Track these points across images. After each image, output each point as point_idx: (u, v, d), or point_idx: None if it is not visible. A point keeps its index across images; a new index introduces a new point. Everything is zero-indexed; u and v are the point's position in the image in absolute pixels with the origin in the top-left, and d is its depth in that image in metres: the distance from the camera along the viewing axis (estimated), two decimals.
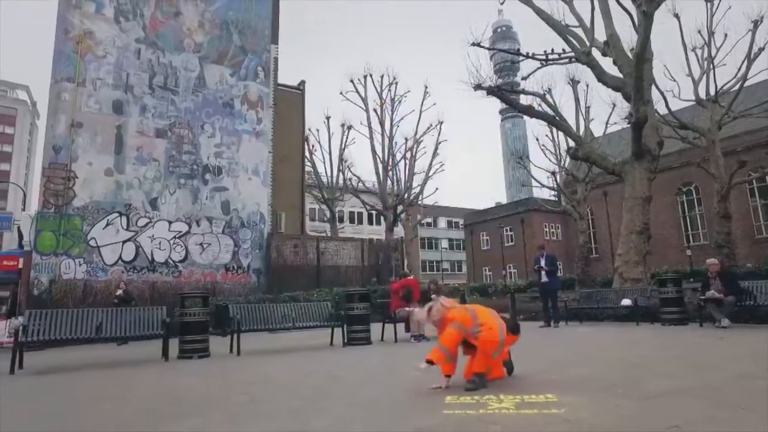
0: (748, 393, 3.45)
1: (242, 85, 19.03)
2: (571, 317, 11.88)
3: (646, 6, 12.03)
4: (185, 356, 7.16)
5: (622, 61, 15.19)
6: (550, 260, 11.54)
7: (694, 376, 4.16)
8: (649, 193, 14.53)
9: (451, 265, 66.29)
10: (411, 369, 4.53)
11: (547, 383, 4.07)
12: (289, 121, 23.00)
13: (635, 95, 13.38)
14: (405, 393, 4.07)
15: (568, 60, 16.28)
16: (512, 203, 57.21)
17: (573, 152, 16.66)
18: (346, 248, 20.53)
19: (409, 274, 11.17)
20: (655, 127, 15.35)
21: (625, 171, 14.93)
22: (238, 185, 18.33)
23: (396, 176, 30.80)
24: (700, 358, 5.24)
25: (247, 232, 18.19)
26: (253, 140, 18.96)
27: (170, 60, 17.63)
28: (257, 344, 8.86)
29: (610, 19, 15.58)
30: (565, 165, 31.97)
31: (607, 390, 3.68)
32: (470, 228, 52.99)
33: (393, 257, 22.12)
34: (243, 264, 17.93)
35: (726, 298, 8.64)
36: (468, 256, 54.04)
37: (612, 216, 41.33)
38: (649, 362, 5.08)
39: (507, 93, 16.13)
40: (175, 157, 17.29)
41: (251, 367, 6.18)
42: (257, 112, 19.22)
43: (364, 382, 4.65)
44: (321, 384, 4.63)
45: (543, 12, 16.31)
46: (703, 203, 35.48)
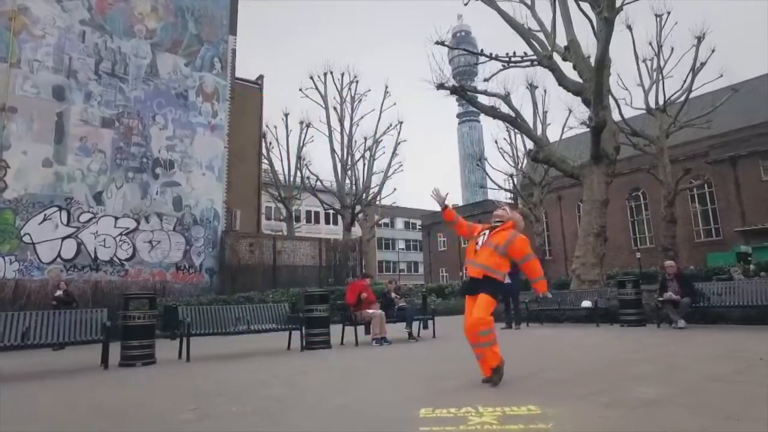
0: (728, 397, 3.34)
1: (197, 76, 18.14)
2: (531, 319, 11.89)
3: (608, 12, 12.23)
4: (128, 363, 6.54)
5: (581, 66, 15.46)
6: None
7: (670, 380, 4.05)
8: (607, 196, 14.84)
9: (407, 266, 66.51)
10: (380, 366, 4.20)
11: (525, 392, 3.84)
12: (246, 116, 22.19)
13: (595, 100, 13.60)
14: (372, 404, 3.74)
15: (530, 63, 16.43)
16: (469, 205, 57.96)
17: (534, 154, 16.84)
18: (303, 248, 19.99)
19: (371, 275, 10.83)
20: (613, 132, 15.71)
21: (583, 174, 15.19)
22: (191, 180, 17.44)
23: (354, 175, 30.48)
24: (669, 360, 5.18)
25: (200, 230, 17.34)
26: (208, 134, 18.11)
27: (119, 45, 16.52)
28: (209, 349, 8.29)
29: (570, 24, 15.82)
30: (522, 168, 32.60)
31: (588, 398, 3.49)
32: (427, 229, 53.29)
33: (351, 257, 21.76)
34: (195, 263, 17.07)
35: (682, 300, 8.81)
36: (425, 257, 54.34)
37: (566, 219, 42.57)
38: (620, 365, 4.97)
39: (470, 93, 16.08)
40: (123, 149, 16.23)
41: (202, 375, 5.67)
42: (213, 105, 18.38)
43: (328, 392, 4.28)
44: (280, 394, 4.23)
45: (507, 14, 16.39)
46: (649, 208, 37.01)
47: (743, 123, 33.31)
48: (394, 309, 9.51)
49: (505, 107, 17.68)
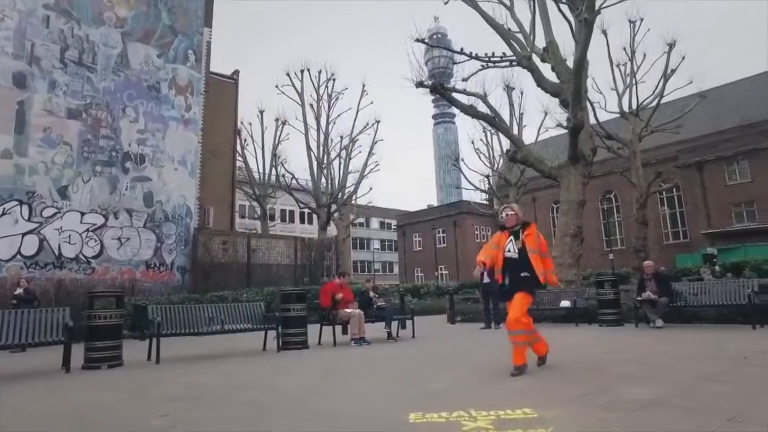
0: (724, 398, 3.26)
1: (170, 68, 17.54)
2: (504, 318, 11.82)
3: (588, 14, 12.29)
4: (92, 366, 6.16)
5: (560, 67, 15.54)
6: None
7: (661, 380, 3.96)
8: (584, 197, 14.95)
9: (382, 266, 66.37)
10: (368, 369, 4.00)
11: (516, 393, 3.70)
12: (220, 111, 21.67)
13: (573, 101, 13.66)
14: (358, 408, 3.54)
15: (509, 63, 16.45)
16: (445, 206, 58.21)
17: (512, 154, 16.87)
18: (278, 246, 19.60)
19: (346, 272, 10.54)
20: (590, 134, 15.86)
21: (561, 175, 15.27)
22: (162, 176, 16.85)
23: (330, 174, 30.14)
24: (655, 360, 5.13)
25: (171, 227, 16.77)
26: (181, 128, 17.55)
27: (87, 33, 15.78)
28: (180, 350, 7.94)
29: (549, 26, 15.90)
30: (498, 169, 32.78)
31: (583, 400, 3.36)
32: (403, 229, 53.28)
33: (327, 256, 21.47)
34: (166, 261, 16.51)
35: (660, 300, 8.88)
36: (400, 257, 54.29)
37: (540, 220, 43.11)
38: (607, 365, 4.88)
39: (449, 91, 16.00)
40: (91, 142, 15.55)
41: (173, 377, 5.35)
42: (186, 99, 17.82)
43: (307, 395, 4.05)
44: (258, 398, 3.98)
45: (487, 14, 16.38)
46: (621, 210, 37.81)
47: (710, 129, 34.36)
48: (372, 308, 9.31)
49: (483, 107, 17.69)
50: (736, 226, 31.00)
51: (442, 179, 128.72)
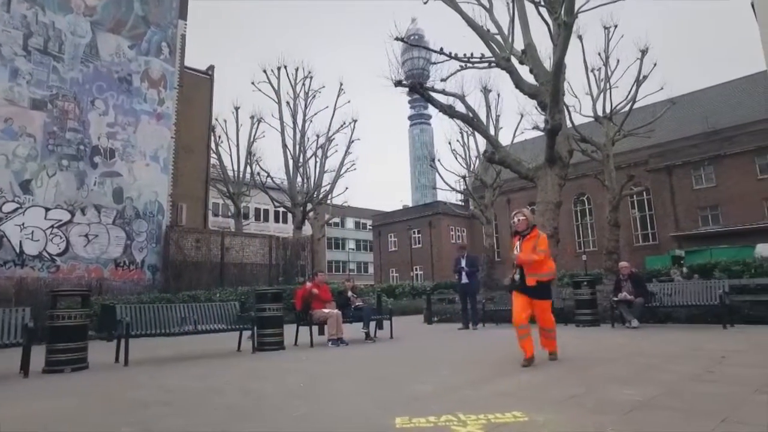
0: (714, 398, 3.23)
1: (143, 60, 16.98)
2: (485, 319, 11.82)
3: (567, 17, 12.38)
4: (54, 369, 5.81)
5: (538, 70, 15.64)
6: (470, 261, 11.40)
7: (647, 381, 3.92)
8: (560, 198, 15.08)
9: (357, 266, 66.18)
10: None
11: (503, 395, 3.60)
12: (195, 107, 21.20)
13: (552, 103, 13.76)
14: (341, 413, 3.38)
15: (488, 64, 16.48)
16: (420, 206, 58.37)
17: (490, 155, 16.91)
18: (252, 245, 19.24)
19: (322, 270, 10.34)
20: (567, 136, 16.02)
21: (538, 176, 15.36)
22: (133, 171, 16.29)
23: (306, 173, 29.83)
24: (637, 360, 5.12)
25: (142, 224, 16.23)
26: (154, 123, 17.01)
27: (53, 20, 15.10)
28: (151, 351, 7.62)
29: (527, 28, 16.00)
30: (474, 170, 32.96)
31: (572, 402, 3.28)
32: (378, 229, 53.17)
33: (302, 256, 21.19)
34: (136, 259, 15.97)
35: (636, 300, 8.98)
36: (375, 258, 54.17)
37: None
38: (591, 366, 4.84)
39: (428, 91, 15.94)
40: (57, 134, 14.90)
41: (142, 381, 5.08)
42: (159, 92, 17.29)
43: (288, 399, 3.87)
44: (234, 403, 3.78)
45: (467, 15, 16.39)
46: (594, 213, 38.54)
47: (679, 135, 35.35)
48: (350, 308, 9.16)
49: (461, 107, 17.70)
50: (702, 229, 31.92)
51: (417, 180, 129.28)
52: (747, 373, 4.26)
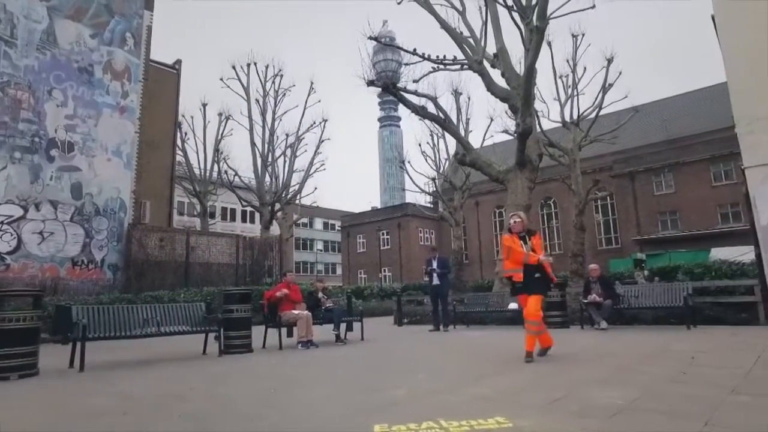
0: (693, 400, 3.21)
1: (105, 50, 16.25)
2: (456, 321, 11.80)
3: (539, 22, 12.52)
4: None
5: (509, 73, 15.80)
6: (442, 262, 11.35)
7: (626, 383, 3.90)
8: (530, 201, 15.25)
9: (325, 267, 65.72)
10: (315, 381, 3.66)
11: (483, 399, 3.50)
12: (160, 102, 20.51)
13: (523, 107, 13.90)
14: (315, 420, 3.20)
15: (460, 67, 16.56)
16: (390, 207, 58.43)
17: (461, 157, 16.97)
18: (219, 244, 18.72)
19: (290, 272, 9.99)
20: (537, 140, 16.24)
21: (508, 179, 15.49)
22: (94, 166, 15.55)
23: (275, 172, 29.36)
24: (612, 362, 5.12)
25: (102, 221, 15.52)
26: (117, 116, 16.31)
27: (3, 2, 14.15)
28: (110, 355, 7.22)
29: (500, 32, 16.15)
30: (444, 172, 33.13)
31: (555, 406, 3.20)
32: (347, 230, 52.91)
33: (270, 256, 20.79)
34: (95, 258, 15.26)
35: (605, 302, 9.10)
36: (343, 258, 53.87)
37: (482, 224, 44.14)
38: (568, 368, 4.81)
39: (400, 91, 15.87)
40: (9, 125, 14.04)
41: (99, 387, 4.75)
42: (123, 85, 16.60)
43: (258, 406, 3.67)
44: (200, 410, 3.56)
45: (440, 17, 16.43)
46: (560, 217, 39.35)
47: (641, 142, 36.50)
48: (321, 310, 8.95)
49: (434, 109, 17.70)
50: (662, 234, 33.05)
51: (386, 182, 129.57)
52: (718, 373, 4.30)
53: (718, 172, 32.01)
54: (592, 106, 25.61)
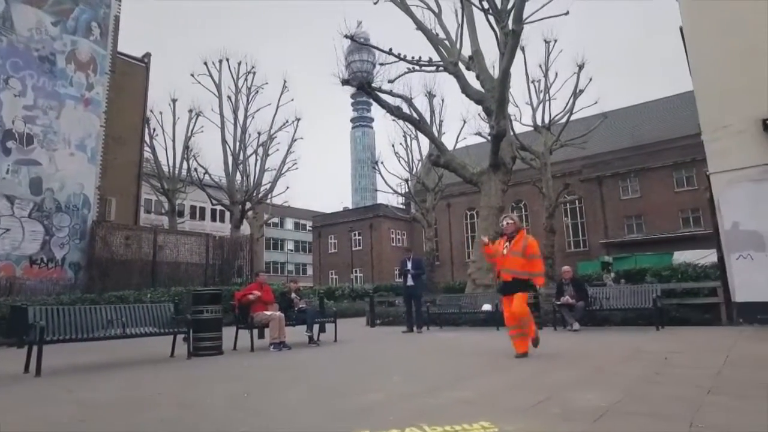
0: (674, 401, 3.21)
1: (69, 39, 15.59)
2: (429, 322, 11.76)
3: (515, 25, 12.63)
4: None
5: (484, 76, 15.92)
6: (416, 263, 11.29)
7: (605, 385, 3.89)
8: (503, 203, 15.38)
9: (296, 268, 65.11)
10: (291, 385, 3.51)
11: (466, 404, 3.42)
12: (128, 96, 19.86)
13: (498, 109, 14.00)
14: (290, 427, 3.06)
15: (436, 68, 16.59)
16: (362, 208, 58.29)
17: (435, 158, 16.99)
18: (188, 243, 18.24)
19: (263, 272, 9.74)
20: (510, 143, 16.41)
21: (482, 181, 15.59)
22: (55, 160, 14.89)
23: (246, 171, 28.88)
24: (588, 363, 5.13)
25: (64, 218, 14.85)
26: (81, 108, 15.67)
27: None
28: (70, 359, 6.87)
29: (475, 35, 16.26)
30: (417, 173, 33.22)
31: (538, 410, 3.14)
32: (318, 230, 52.49)
33: (240, 256, 20.39)
34: (56, 256, 14.60)
35: (577, 304, 9.21)
36: (314, 259, 53.41)
37: (453, 226, 44.44)
38: (545, 370, 4.79)
39: (375, 91, 15.78)
40: None
41: (56, 394, 4.46)
42: (88, 77, 15.96)
43: (231, 411, 3.50)
44: (169, 417, 3.36)
45: (417, 18, 16.44)
46: (530, 219, 39.95)
47: (609, 147, 37.44)
48: (294, 311, 8.77)
49: (408, 109, 17.68)
50: (628, 237, 33.96)
51: (357, 182, 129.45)
52: (692, 374, 4.35)
53: (681, 178, 33.10)
54: (563, 111, 26.10)
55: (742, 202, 9.34)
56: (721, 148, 9.76)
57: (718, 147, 9.83)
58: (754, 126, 9.44)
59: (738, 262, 9.28)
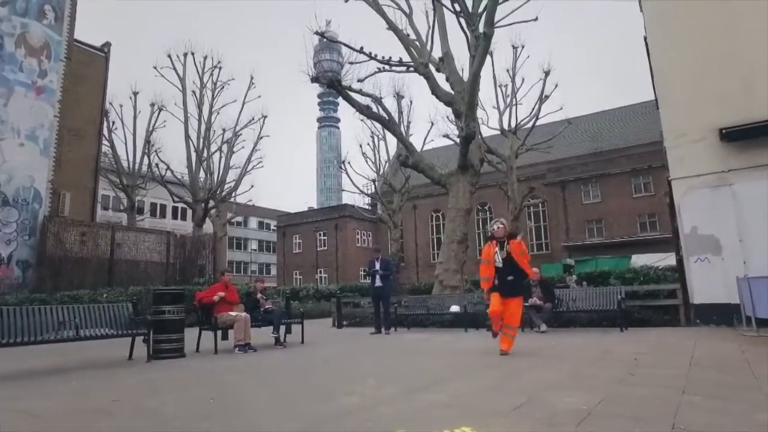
0: (652, 403, 3.20)
1: (19, 21, 14.66)
2: (396, 323, 11.64)
3: (487, 28, 12.69)
4: None
5: (454, 78, 15.96)
6: (385, 264, 11.17)
7: (582, 387, 3.86)
8: (470, 205, 15.45)
9: (259, 268, 64.06)
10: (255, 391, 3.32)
11: (445, 408, 3.31)
12: (86, 86, 18.98)
13: (468, 111, 14.06)
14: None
15: (406, 68, 16.52)
16: (327, 208, 57.88)
17: (404, 159, 16.92)
18: (148, 241, 17.53)
19: (228, 272, 9.40)
20: (479, 145, 16.52)
21: (450, 183, 15.61)
22: (2, 150, 13.97)
23: (210, 168, 28.14)
24: (562, 365, 5.12)
25: (12, 212, 13.98)
26: (32, 96, 14.80)
27: None
28: (17, 364, 6.40)
29: (446, 37, 16.29)
30: (384, 174, 33.17)
31: (519, 414, 3.07)
32: (283, 230, 51.74)
33: (202, 255, 19.77)
34: (1, 253, 13.70)
35: (545, 305, 9.30)
36: (278, 259, 52.60)
37: (419, 228, 44.61)
38: (521, 372, 4.75)
39: (345, 89, 15.59)
40: None
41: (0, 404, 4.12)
42: (41, 63, 15.10)
43: (194, 420, 3.27)
44: (125, 427, 3.11)
45: (387, 17, 16.34)
46: None
47: (573, 153, 38.43)
48: (260, 311, 8.50)
49: (378, 109, 17.57)
50: (589, 241, 34.88)
51: (323, 182, 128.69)
52: (663, 374, 4.40)
53: (639, 184, 34.27)
54: (529, 116, 26.59)
55: (701, 207, 9.66)
56: (682, 155, 10.08)
57: (680, 154, 10.14)
58: (712, 135, 9.78)
59: (696, 265, 9.59)
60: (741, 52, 9.82)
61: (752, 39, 9.75)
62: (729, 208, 9.34)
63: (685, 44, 10.48)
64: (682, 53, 10.50)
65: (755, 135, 9.33)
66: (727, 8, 10.08)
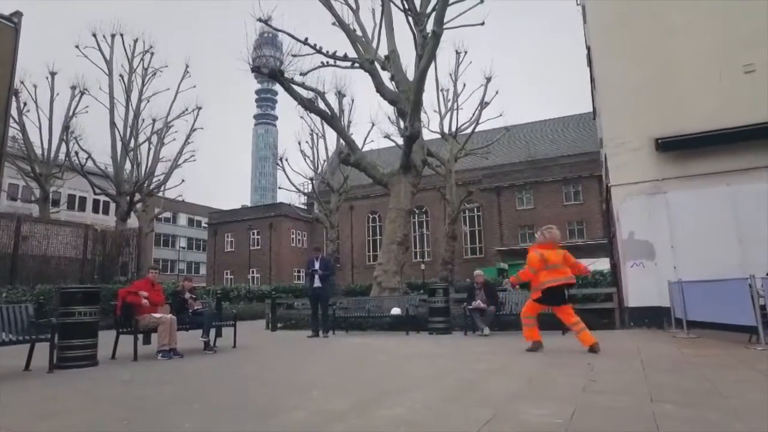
0: (621, 413, 2.97)
1: None
2: (334, 326, 11.11)
3: (436, 27, 12.53)
4: None
5: (399, 76, 15.73)
6: (325, 264, 10.65)
7: (546, 397, 3.61)
8: (412, 206, 15.25)
9: (188, 266, 61.11)
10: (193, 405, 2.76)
11: (404, 425, 2.92)
12: None
13: (413, 110, 13.84)
14: None
15: (351, 64, 16.09)
16: (262, 206, 56.24)
17: (345, 156, 16.44)
18: (61, 234, 15.85)
19: (155, 269, 8.47)
20: (422, 146, 16.36)
21: (392, 183, 15.32)
22: None
23: (137, 159, 26.22)
24: (517, 371, 4.89)
25: None
26: None
27: None
28: None
29: (392, 35, 16.04)
30: (322, 172, 32.48)
31: (491, 430, 2.72)
32: (215, 228, 49.58)
33: (125, 252, 18.24)
34: None
35: (488, 308, 9.18)
36: (209, 258, 50.32)
37: (355, 229, 44.24)
38: (477, 381, 4.45)
39: (288, 81, 14.91)
40: None
41: None
42: None
43: None
44: None
45: (335, 12, 15.87)
46: (430, 225, 41.01)
47: (509, 160, 39.64)
48: (188, 313, 7.74)
49: (320, 104, 17.02)
50: (522, 245, 36.01)
51: (257, 181, 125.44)
52: (623, 379, 4.28)
53: (569, 192, 35.88)
54: (469, 121, 26.98)
55: (638, 214, 9.97)
56: (622, 162, 10.37)
57: (619, 161, 10.43)
58: (648, 144, 10.14)
59: (632, 269, 9.88)
60: (675, 67, 10.26)
61: (686, 55, 10.22)
62: (663, 215, 9.70)
63: (627, 55, 10.81)
64: (623, 64, 10.82)
65: (687, 146, 9.76)
66: (664, 25, 10.50)
